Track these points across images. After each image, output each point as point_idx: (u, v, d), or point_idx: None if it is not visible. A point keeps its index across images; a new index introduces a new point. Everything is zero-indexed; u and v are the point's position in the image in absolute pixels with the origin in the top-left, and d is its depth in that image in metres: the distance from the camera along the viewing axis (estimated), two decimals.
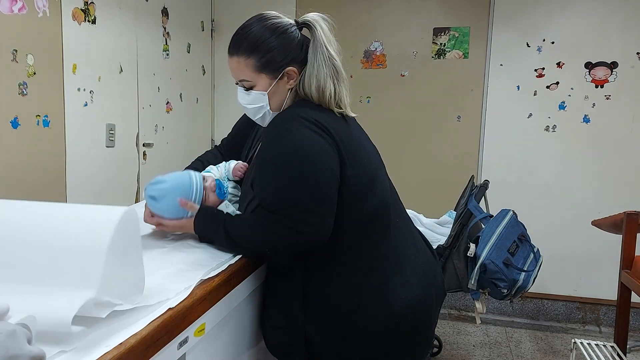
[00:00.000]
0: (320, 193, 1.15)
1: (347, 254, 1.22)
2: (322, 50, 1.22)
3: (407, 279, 1.25)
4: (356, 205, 1.21)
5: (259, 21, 1.26)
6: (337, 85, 1.25)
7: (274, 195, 1.16)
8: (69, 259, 0.82)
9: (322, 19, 1.26)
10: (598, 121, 3.12)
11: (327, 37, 1.25)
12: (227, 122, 3.64)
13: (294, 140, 1.15)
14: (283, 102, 1.28)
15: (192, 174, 1.35)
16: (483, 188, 2.38)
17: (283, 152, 1.16)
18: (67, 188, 2.28)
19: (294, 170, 1.14)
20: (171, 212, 1.29)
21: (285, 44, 1.24)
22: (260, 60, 1.23)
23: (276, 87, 1.25)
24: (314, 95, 1.24)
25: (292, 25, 1.27)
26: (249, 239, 1.21)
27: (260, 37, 1.24)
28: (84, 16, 2.31)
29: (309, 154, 1.15)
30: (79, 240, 0.83)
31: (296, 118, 1.18)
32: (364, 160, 1.25)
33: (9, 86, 1.96)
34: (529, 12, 3.14)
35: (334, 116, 1.25)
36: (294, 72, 1.25)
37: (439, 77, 3.29)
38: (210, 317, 1.08)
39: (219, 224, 1.24)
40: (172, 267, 1.11)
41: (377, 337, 1.22)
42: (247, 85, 1.27)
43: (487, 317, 3.34)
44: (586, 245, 3.17)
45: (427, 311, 1.29)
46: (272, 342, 1.32)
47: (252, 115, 1.31)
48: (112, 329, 0.83)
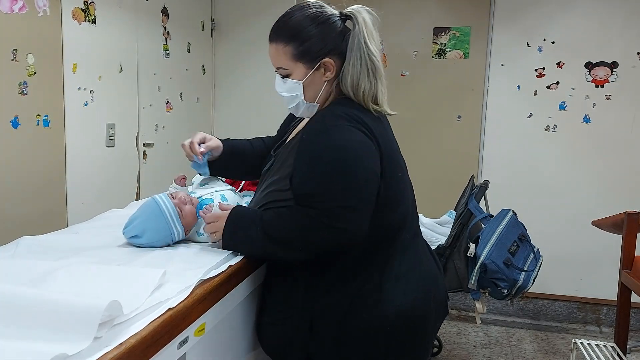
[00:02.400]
0: (362, 192, 1.14)
1: (353, 259, 1.21)
2: (359, 45, 1.20)
3: (404, 288, 1.23)
4: (384, 214, 1.20)
5: (301, 9, 1.23)
6: (374, 82, 1.22)
7: (314, 190, 1.14)
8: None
9: (366, 12, 1.23)
10: (598, 121, 3.12)
11: (369, 30, 1.22)
12: (227, 122, 3.65)
13: (339, 137, 1.15)
14: (318, 94, 1.25)
15: (156, 198, 1.32)
16: (483, 188, 2.38)
17: (328, 148, 1.14)
18: (67, 188, 2.28)
19: (338, 167, 1.13)
20: (159, 240, 1.28)
21: (325, 34, 1.21)
22: (298, 49, 1.21)
23: (312, 77, 1.23)
24: (349, 92, 1.22)
25: (334, 15, 1.24)
26: (283, 233, 1.18)
27: (299, 25, 1.21)
28: (84, 16, 2.31)
29: (354, 152, 1.14)
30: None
31: (343, 116, 1.17)
32: (398, 171, 1.25)
33: (9, 86, 1.96)
34: (529, 12, 3.14)
35: (374, 117, 1.23)
36: (330, 64, 1.22)
37: (440, 77, 3.29)
38: (210, 317, 1.08)
39: (255, 216, 1.21)
40: (172, 267, 1.11)
41: (372, 339, 1.21)
42: (284, 73, 1.25)
43: (487, 317, 3.34)
44: (586, 245, 3.17)
45: (423, 321, 1.27)
46: (269, 340, 1.31)
47: (287, 103, 1.28)
48: (112, 329, 0.83)
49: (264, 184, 1.32)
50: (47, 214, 2.18)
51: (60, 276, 0.98)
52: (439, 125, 3.32)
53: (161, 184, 2.81)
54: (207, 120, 3.59)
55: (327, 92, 1.26)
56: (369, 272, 1.22)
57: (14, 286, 0.87)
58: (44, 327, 0.78)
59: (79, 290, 0.92)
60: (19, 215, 2.04)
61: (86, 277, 0.99)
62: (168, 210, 1.28)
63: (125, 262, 1.14)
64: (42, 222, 2.13)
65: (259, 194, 1.32)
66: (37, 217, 2.13)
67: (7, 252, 1.20)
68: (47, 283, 0.95)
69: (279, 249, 1.19)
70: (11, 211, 2.01)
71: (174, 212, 1.29)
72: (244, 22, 3.51)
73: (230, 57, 3.57)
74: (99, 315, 0.78)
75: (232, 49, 3.56)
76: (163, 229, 1.28)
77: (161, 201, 1.30)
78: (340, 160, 1.13)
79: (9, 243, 1.26)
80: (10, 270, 1.03)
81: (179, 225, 1.29)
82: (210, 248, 1.29)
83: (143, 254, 1.21)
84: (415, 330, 1.26)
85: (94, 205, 2.40)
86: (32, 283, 0.95)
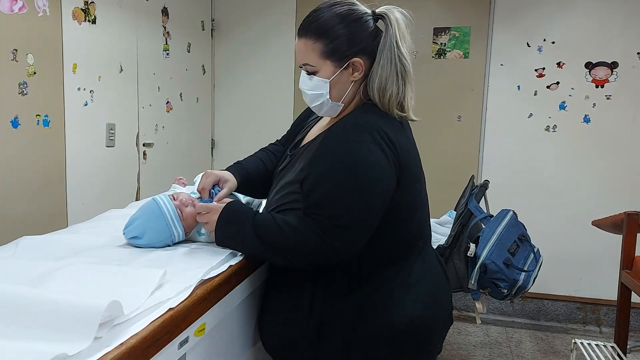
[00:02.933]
0: (366, 215, 1.12)
1: (366, 267, 1.21)
2: (391, 47, 1.17)
3: (415, 297, 1.23)
4: (400, 228, 1.21)
5: (333, 5, 1.19)
6: (403, 86, 1.19)
7: (320, 201, 1.12)
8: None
9: (399, 12, 1.20)
10: (598, 121, 3.12)
11: (402, 32, 1.19)
12: (227, 121, 3.64)
13: (359, 154, 1.11)
14: (344, 94, 1.21)
15: (157, 199, 1.31)
16: (483, 188, 2.37)
17: (345, 163, 1.11)
18: (67, 188, 2.28)
19: (349, 184, 1.11)
20: (159, 241, 1.28)
21: (356, 33, 1.18)
22: (328, 46, 1.17)
23: (339, 76, 1.19)
24: (375, 95, 1.19)
25: (367, 14, 1.20)
26: (273, 236, 1.16)
27: (330, 21, 1.17)
28: (84, 16, 2.31)
29: (370, 173, 1.11)
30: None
31: (367, 129, 1.14)
32: (416, 183, 1.23)
33: (9, 86, 1.96)
34: (529, 12, 3.14)
35: (398, 127, 1.21)
36: (359, 64, 1.19)
37: (439, 77, 3.29)
38: (210, 317, 1.08)
39: (249, 214, 1.20)
40: (172, 267, 1.11)
41: (382, 347, 1.21)
42: (310, 70, 1.21)
43: (487, 317, 3.34)
44: (586, 245, 3.17)
45: (431, 330, 1.26)
46: (270, 339, 1.30)
47: (310, 101, 1.24)
48: (112, 329, 0.83)
49: (278, 184, 1.29)
50: (47, 214, 2.18)
51: (60, 276, 0.98)
52: (439, 125, 3.31)
53: (161, 184, 2.81)
54: (207, 121, 3.59)
55: (353, 92, 1.22)
56: (381, 280, 1.21)
57: (14, 286, 0.87)
58: (44, 327, 0.78)
59: (79, 291, 0.92)
60: (19, 215, 2.04)
61: (86, 277, 0.99)
62: (169, 211, 1.28)
63: (126, 262, 1.14)
64: (42, 222, 2.13)
65: (272, 196, 1.30)
66: (37, 217, 2.13)
67: (7, 252, 1.20)
68: (47, 283, 0.95)
69: (266, 250, 1.18)
70: (11, 211, 2.01)
71: (174, 213, 1.29)
72: (244, 22, 3.51)
73: (230, 57, 3.57)
74: (99, 315, 0.78)
75: (232, 49, 3.56)
76: (163, 231, 1.27)
77: (162, 202, 1.30)
78: (354, 178, 1.10)
79: (9, 243, 1.26)
80: (10, 270, 1.03)
81: (179, 227, 1.29)
82: (210, 248, 1.28)
83: (143, 254, 1.21)
84: (423, 339, 1.25)
85: (94, 205, 2.40)
86: (32, 283, 0.95)
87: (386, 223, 1.17)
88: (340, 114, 1.25)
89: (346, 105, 1.24)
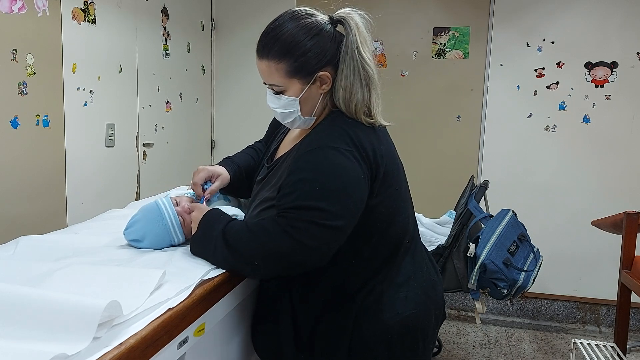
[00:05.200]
0: (340, 218, 1.09)
1: (348, 270, 1.19)
2: (352, 54, 1.13)
3: (405, 295, 1.21)
4: (382, 232, 1.18)
5: (292, 20, 1.14)
6: (367, 93, 1.17)
7: (295, 202, 1.08)
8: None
9: (357, 15, 1.16)
10: (598, 121, 3.12)
11: (362, 36, 1.15)
12: (227, 121, 3.65)
13: (333, 159, 1.09)
14: (315, 107, 1.19)
15: (160, 204, 1.29)
16: (483, 188, 2.38)
17: (320, 167, 1.09)
18: (67, 188, 2.28)
19: (325, 186, 1.08)
20: (159, 245, 1.27)
21: (320, 46, 1.13)
22: (293, 65, 1.13)
23: (308, 92, 1.16)
24: (341, 104, 1.17)
25: (326, 22, 1.16)
26: (245, 243, 1.11)
27: (293, 39, 1.12)
28: (83, 16, 2.31)
29: (346, 177, 1.09)
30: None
31: (339, 136, 1.12)
32: (395, 186, 1.20)
33: (8, 86, 1.96)
34: (529, 12, 3.14)
35: (368, 129, 1.18)
36: (326, 77, 1.16)
37: (439, 77, 3.29)
38: (210, 317, 1.08)
39: (221, 222, 1.16)
40: (172, 267, 1.11)
41: (376, 350, 1.19)
42: (277, 90, 1.18)
43: (487, 317, 3.34)
44: (586, 245, 3.17)
45: (425, 327, 1.25)
46: (261, 347, 1.30)
47: (282, 119, 1.22)
48: (111, 329, 0.83)
49: (256, 199, 1.27)
50: (46, 214, 2.18)
51: (60, 276, 0.98)
52: (438, 126, 3.32)
53: (161, 184, 2.82)
54: (206, 120, 3.59)
55: (323, 103, 1.20)
56: (371, 284, 1.20)
57: (14, 286, 0.86)
58: (43, 327, 0.78)
59: (79, 290, 0.92)
60: (19, 215, 2.04)
61: (85, 277, 0.99)
62: (170, 218, 1.27)
63: (125, 263, 1.14)
64: (41, 222, 2.13)
65: (251, 210, 1.27)
66: (37, 217, 2.13)
67: (6, 251, 1.20)
68: (47, 283, 0.95)
69: (235, 257, 1.11)
70: (11, 211, 2.01)
71: (176, 220, 1.28)
72: (243, 22, 3.51)
73: (229, 57, 3.57)
74: (98, 315, 0.78)
75: (231, 49, 3.56)
76: (164, 236, 1.27)
77: (164, 207, 1.29)
78: (330, 181, 1.08)
79: (8, 242, 1.26)
80: (9, 270, 1.03)
81: (180, 233, 1.29)
82: None
83: (143, 254, 1.21)
84: (417, 337, 1.23)
85: (93, 205, 2.40)
86: (32, 283, 0.95)
87: (369, 230, 1.16)
88: (313, 124, 1.24)
89: (317, 116, 1.22)
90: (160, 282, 0.99)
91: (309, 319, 1.20)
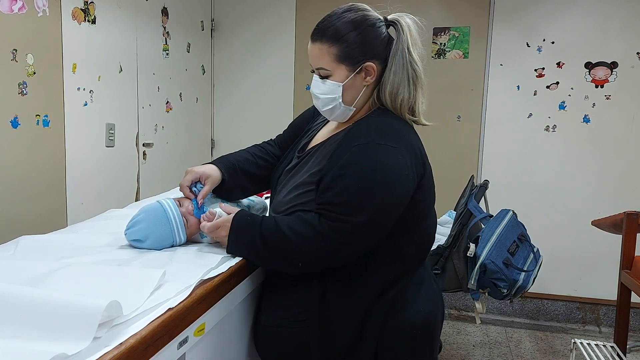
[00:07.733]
0: (385, 217, 1.14)
1: (384, 270, 1.22)
2: (402, 53, 1.20)
3: (426, 292, 1.27)
4: (417, 232, 1.24)
5: (348, 11, 1.22)
6: (414, 91, 1.22)
7: (342, 200, 1.12)
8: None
9: (410, 19, 1.24)
10: (598, 121, 3.12)
11: (413, 38, 1.22)
12: (227, 121, 3.65)
13: (385, 157, 1.13)
14: (357, 98, 1.23)
15: (164, 205, 1.29)
16: (483, 188, 2.38)
17: (372, 165, 1.12)
18: (67, 188, 2.28)
19: (376, 185, 1.11)
20: (161, 246, 1.27)
21: (370, 38, 1.20)
22: (343, 51, 1.19)
23: (353, 80, 1.21)
24: (387, 100, 1.22)
25: (380, 20, 1.23)
26: (280, 241, 1.16)
27: (347, 27, 1.19)
28: (83, 16, 2.31)
29: (396, 176, 1.12)
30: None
31: (390, 133, 1.17)
32: (432, 187, 1.26)
33: (8, 86, 1.96)
34: (529, 12, 3.14)
35: (413, 129, 1.25)
36: (372, 69, 1.21)
37: (439, 77, 3.28)
38: (210, 317, 1.08)
39: (256, 222, 1.19)
40: (172, 267, 1.11)
41: (398, 346, 1.21)
42: (324, 74, 1.22)
43: (487, 317, 3.34)
44: (586, 245, 3.17)
45: (438, 326, 1.31)
46: (270, 344, 1.27)
47: (322, 105, 1.24)
48: (112, 329, 0.83)
49: (288, 184, 1.27)
50: (46, 213, 2.18)
51: (60, 276, 0.98)
52: (438, 125, 3.26)
53: (161, 184, 2.81)
54: (206, 120, 3.59)
55: (365, 97, 1.24)
56: (403, 281, 1.23)
57: (14, 286, 0.87)
58: (43, 327, 0.78)
59: (79, 290, 0.92)
60: (19, 215, 2.04)
61: (86, 277, 0.99)
62: (175, 219, 1.27)
63: (125, 262, 1.14)
64: (42, 222, 2.13)
65: (283, 196, 1.27)
66: (37, 217, 2.13)
67: (6, 251, 1.20)
68: (47, 283, 0.95)
69: (278, 259, 1.18)
70: (11, 211, 2.01)
71: (180, 222, 1.28)
72: (243, 22, 3.51)
73: (229, 57, 3.57)
74: (98, 315, 0.78)
75: (231, 49, 3.56)
76: (167, 237, 1.27)
77: (169, 208, 1.28)
78: (373, 179, 1.11)
79: (8, 242, 1.26)
80: (9, 270, 1.03)
81: (182, 234, 1.29)
82: (210, 248, 1.29)
83: (143, 254, 1.21)
84: (435, 334, 1.29)
85: (93, 205, 2.40)
86: (32, 283, 0.95)
87: (411, 224, 1.20)
88: (350, 119, 1.26)
89: (357, 110, 1.25)
90: (160, 282, 0.99)
91: (333, 310, 1.20)
